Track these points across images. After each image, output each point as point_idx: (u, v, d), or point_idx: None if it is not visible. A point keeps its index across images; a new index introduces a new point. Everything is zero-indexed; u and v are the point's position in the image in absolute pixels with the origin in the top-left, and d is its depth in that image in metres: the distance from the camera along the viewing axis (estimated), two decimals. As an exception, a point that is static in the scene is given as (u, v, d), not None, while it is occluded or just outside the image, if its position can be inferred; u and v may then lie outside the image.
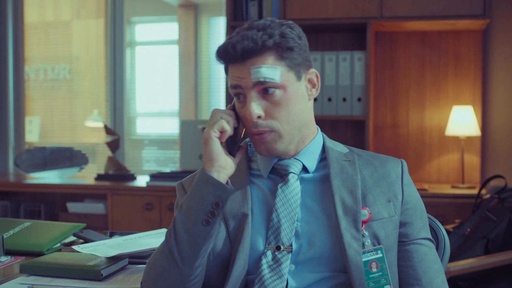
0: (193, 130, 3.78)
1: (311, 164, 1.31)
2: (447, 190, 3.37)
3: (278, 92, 1.23)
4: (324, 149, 1.34)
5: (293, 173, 1.28)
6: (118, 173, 3.87)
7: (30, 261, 1.52)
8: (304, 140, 1.31)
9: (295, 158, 1.30)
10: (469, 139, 3.57)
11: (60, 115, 4.82)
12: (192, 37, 4.70)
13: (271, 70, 1.21)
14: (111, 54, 4.59)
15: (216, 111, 1.25)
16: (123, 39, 4.60)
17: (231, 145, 1.26)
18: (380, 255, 1.23)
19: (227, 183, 1.22)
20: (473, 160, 3.60)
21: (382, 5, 3.35)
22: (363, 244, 1.22)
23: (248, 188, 1.29)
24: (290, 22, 1.28)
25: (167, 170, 3.81)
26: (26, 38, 4.68)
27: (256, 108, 1.22)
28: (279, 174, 1.30)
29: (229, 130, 1.22)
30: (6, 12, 4.41)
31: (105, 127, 4.04)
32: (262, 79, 1.21)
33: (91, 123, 4.56)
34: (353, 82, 3.39)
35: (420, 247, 1.28)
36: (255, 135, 1.25)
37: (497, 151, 3.62)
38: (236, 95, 1.25)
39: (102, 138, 4.53)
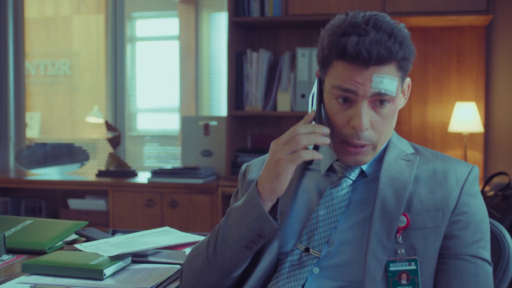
0: (194, 126, 3.76)
1: (369, 167, 1.22)
2: (450, 186, 3.36)
3: (389, 106, 1.15)
4: (385, 147, 1.24)
5: (348, 178, 1.20)
6: (119, 170, 3.86)
7: (32, 260, 1.50)
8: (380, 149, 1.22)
9: None
10: (472, 135, 3.55)
11: (61, 110, 4.81)
12: (192, 33, 4.69)
13: (391, 82, 1.13)
14: (112, 50, 4.58)
15: (295, 138, 1.10)
16: (123, 34, 4.59)
17: None
18: (414, 267, 1.12)
19: (276, 205, 1.15)
20: (476, 156, 3.59)
21: (385, 0, 3.34)
22: (396, 252, 1.12)
23: (297, 185, 1.24)
24: (404, 25, 1.17)
25: (169, 166, 3.79)
26: (27, 33, 4.66)
27: (366, 120, 1.12)
28: (335, 174, 1.24)
29: (317, 157, 1.11)
30: (6, 7, 4.39)
31: (106, 123, 4.03)
32: (383, 91, 1.12)
33: (91, 119, 4.54)
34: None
35: (462, 262, 1.14)
36: (351, 146, 1.15)
37: (500, 147, 3.61)
38: (339, 97, 1.14)
39: (102, 134, 4.52)
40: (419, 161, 1.20)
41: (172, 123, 4.75)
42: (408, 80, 1.23)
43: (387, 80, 1.12)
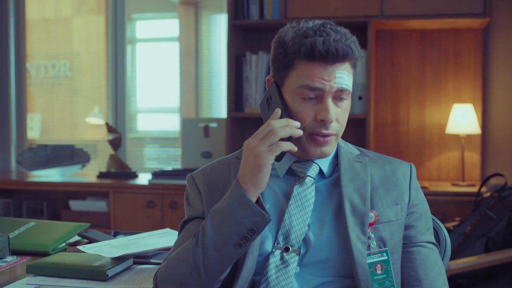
0: (194, 128, 3.79)
1: (327, 168, 1.32)
2: (447, 188, 3.39)
3: (346, 100, 1.26)
4: (337, 151, 1.35)
5: (310, 176, 1.29)
6: (120, 171, 3.89)
7: (37, 262, 1.54)
8: None
9: (312, 161, 1.30)
10: (469, 137, 3.58)
11: (61, 112, 4.83)
12: (192, 34, 4.71)
13: (349, 78, 1.25)
14: (112, 51, 4.60)
15: (273, 130, 1.17)
16: (124, 35, 4.61)
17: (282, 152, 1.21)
18: (385, 257, 1.25)
19: (258, 202, 1.19)
20: (473, 158, 3.62)
21: (383, 3, 3.36)
22: (369, 246, 1.24)
23: None
24: None
25: (169, 168, 3.82)
26: (27, 35, 4.69)
27: (333, 113, 1.23)
28: (295, 176, 1.31)
29: (293, 148, 1.18)
30: (7, 8, 4.42)
31: (107, 125, 4.06)
32: (345, 86, 1.23)
33: (92, 120, 4.57)
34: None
35: (422, 249, 1.29)
36: (320, 136, 1.24)
37: (497, 149, 3.64)
38: (306, 95, 1.22)
39: (103, 135, 4.54)
40: (368, 162, 1.33)
41: (172, 124, 4.77)
42: None
43: (346, 77, 1.23)
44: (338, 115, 1.25)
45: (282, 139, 1.18)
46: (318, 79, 1.21)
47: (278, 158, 1.21)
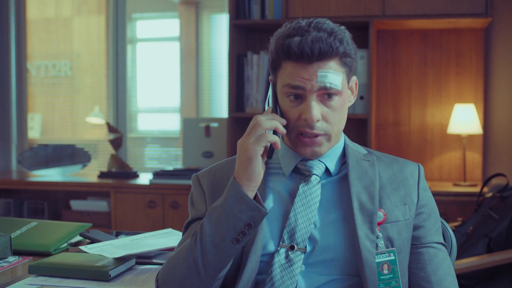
0: (195, 128, 3.79)
1: (333, 166, 1.32)
2: (449, 188, 3.39)
3: (337, 99, 1.25)
4: (344, 150, 1.35)
5: (316, 175, 1.29)
6: (120, 171, 3.89)
7: (39, 262, 1.53)
8: (335, 143, 1.33)
9: (319, 160, 1.30)
10: (471, 137, 3.58)
11: (62, 111, 4.83)
12: (193, 34, 4.71)
13: (336, 76, 1.22)
14: (113, 51, 4.60)
15: (258, 122, 1.19)
16: (124, 35, 4.61)
17: (271, 148, 1.21)
18: (393, 257, 1.24)
19: (256, 197, 1.20)
20: (474, 158, 3.62)
21: (384, 3, 3.36)
22: (377, 245, 1.23)
23: (264, 186, 1.29)
24: (345, 28, 1.28)
25: (170, 168, 3.82)
26: (28, 34, 4.69)
27: (317, 112, 1.22)
28: (301, 174, 1.31)
29: (278, 141, 1.19)
30: (8, 8, 4.42)
31: (108, 124, 4.05)
32: (328, 85, 1.22)
33: (92, 120, 4.56)
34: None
35: (431, 249, 1.29)
36: (306, 137, 1.24)
37: (498, 149, 3.63)
38: (290, 94, 1.23)
39: (104, 134, 4.54)
40: (376, 161, 1.33)
41: (173, 124, 4.77)
42: (354, 78, 1.33)
43: (331, 75, 1.22)
44: (326, 114, 1.24)
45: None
46: (298, 77, 1.21)
47: (269, 155, 1.21)
